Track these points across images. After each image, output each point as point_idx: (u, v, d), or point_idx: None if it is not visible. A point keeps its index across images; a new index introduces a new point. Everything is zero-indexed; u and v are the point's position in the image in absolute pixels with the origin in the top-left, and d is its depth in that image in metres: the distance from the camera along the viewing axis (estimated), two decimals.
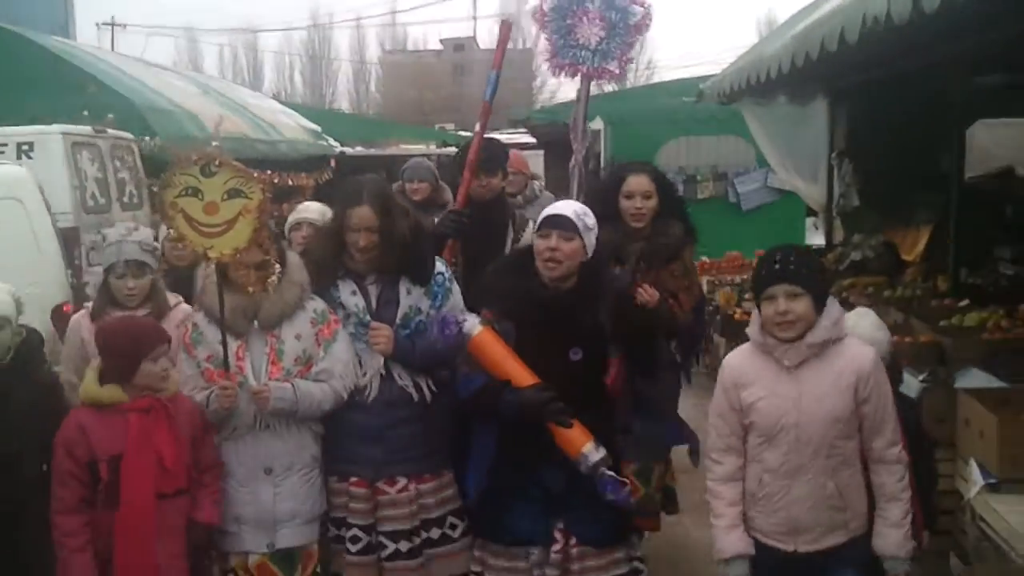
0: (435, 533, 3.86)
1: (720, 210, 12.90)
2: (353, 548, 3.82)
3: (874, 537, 3.33)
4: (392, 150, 21.58)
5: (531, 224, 4.26)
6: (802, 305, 3.23)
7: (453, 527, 3.89)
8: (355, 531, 3.82)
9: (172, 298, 4.30)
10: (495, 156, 4.71)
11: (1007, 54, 6.05)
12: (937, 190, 7.81)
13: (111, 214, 8.74)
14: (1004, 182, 9.10)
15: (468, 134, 27.62)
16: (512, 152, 6.89)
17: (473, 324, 3.55)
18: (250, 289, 3.64)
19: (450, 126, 30.71)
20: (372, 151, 21.49)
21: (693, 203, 8.51)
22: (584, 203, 3.95)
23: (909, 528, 3.33)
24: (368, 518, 3.83)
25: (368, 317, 3.84)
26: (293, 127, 19.54)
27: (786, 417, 3.27)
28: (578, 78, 4.71)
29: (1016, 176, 9.17)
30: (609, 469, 3.45)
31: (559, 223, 3.50)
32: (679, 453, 4.55)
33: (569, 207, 3.62)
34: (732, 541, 3.38)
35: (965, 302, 5.98)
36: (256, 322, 3.68)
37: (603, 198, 4.31)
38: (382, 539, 3.82)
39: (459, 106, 55.16)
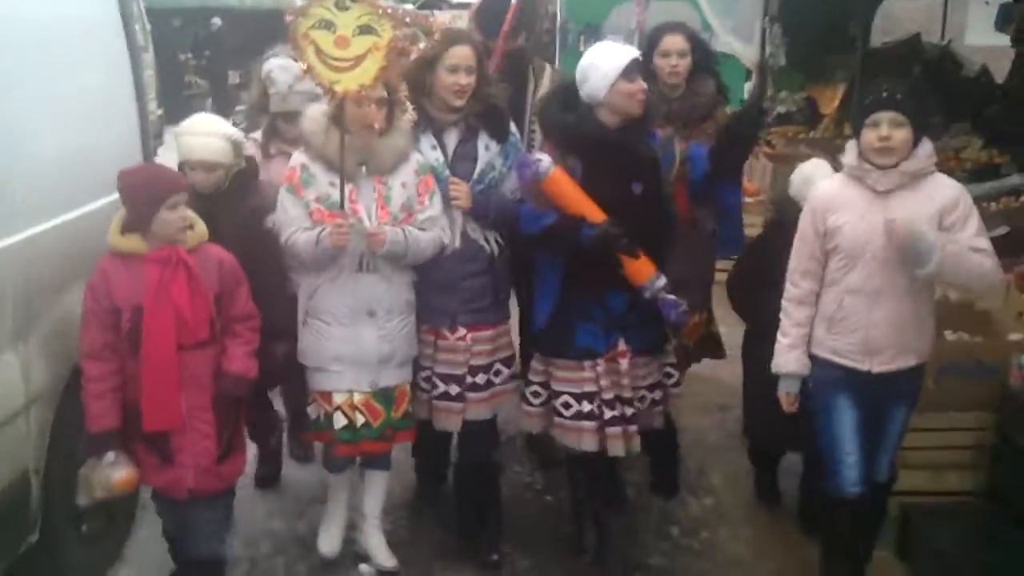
0: (480, 379, 3.96)
1: None
2: (426, 386, 3.98)
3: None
4: None
5: (548, 69, 4.59)
6: (903, 134, 3.31)
7: (498, 373, 4.03)
8: (427, 372, 3.97)
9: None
10: (525, 16, 4.64)
11: None
12: (850, 53, 9.08)
13: None
14: (913, 47, 10.47)
15: None
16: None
17: (548, 164, 3.65)
18: (376, 125, 3.65)
19: None
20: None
21: None
22: None
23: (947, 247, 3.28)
24: (426, 362, 3.97)
25: (447, 172, 3.86)
26: None
27: (871, 240, 3.37)
28: None
29: (922, 42, 10.56)
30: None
31: (641, 67, 3.73)
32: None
33: (636, 51, 3.79)
34: (790, 359, 3.57)
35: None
36: (364, 168, 3.69)
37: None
38: (435, 379, 3.95)
39: None
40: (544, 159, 3.66)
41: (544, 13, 16.92)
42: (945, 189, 3.40)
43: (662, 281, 3.68)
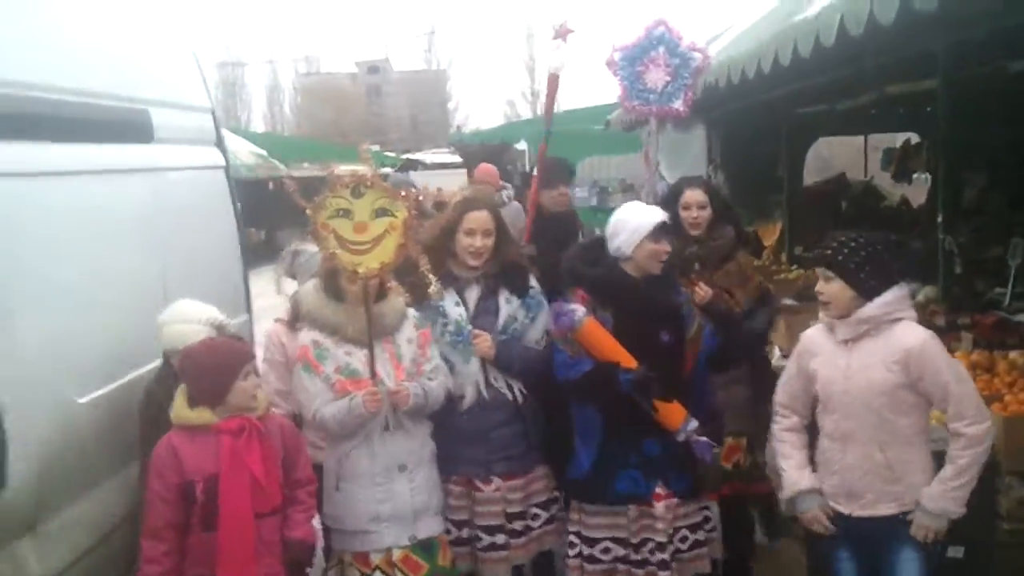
0: (518, 525, 4.10)
1: None
2: (468, 539, 4.10)
3: None
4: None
5: (597, 231, 4.65)
6: (833, 287, 3.42)
7: (535, 517, 4.16)
8: (448, 524, 4.05)
9: None
10: (563, 170, 5.75)
11: (819, 90, 8.71)
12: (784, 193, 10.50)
13: None
14: (839, 183, 11.97)
15: (393, 155, 29.28)
16: (481, 165, 8.21)
17: (583, 314, 3.80)
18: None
19: (376, 147, 32.25)
20: (316, 172, 23.02)
21: (607, 210, 10.55)
22: None
23: (957, 493, 3.33)
24: (462, 514, 4.07)
25: (469, 327, 4.03)
26: (245, 152, 21.48)
27: (835, 385, 3.45)
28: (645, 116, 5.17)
29: (847, 180, 12.06)
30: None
31: (669, 229, 3.95)
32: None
33: (664, 213, 4.00)
34: (801, 478, 3.58)
35: (794, 266, 8.75)
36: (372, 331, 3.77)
37: (664, 210, 4.53)
38: (479, 533, 4.07)
39: (378, 126, 56.25)
40: (578, 310, 3.83)
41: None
42: (908, 337, 3.38)
43: (694, 424, 3.81)
